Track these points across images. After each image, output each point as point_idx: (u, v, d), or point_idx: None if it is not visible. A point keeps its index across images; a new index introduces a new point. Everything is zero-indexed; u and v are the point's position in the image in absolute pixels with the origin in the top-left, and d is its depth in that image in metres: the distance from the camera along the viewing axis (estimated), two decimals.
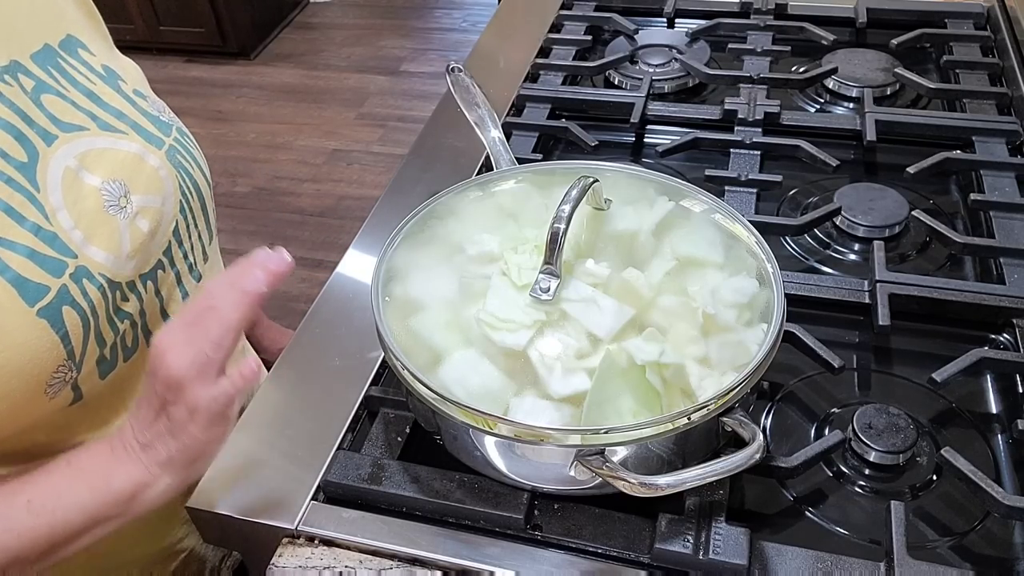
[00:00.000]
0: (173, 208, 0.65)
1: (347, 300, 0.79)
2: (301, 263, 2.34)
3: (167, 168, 0.65)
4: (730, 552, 0.54)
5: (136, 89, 0.67)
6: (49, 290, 0.53)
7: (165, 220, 0.64)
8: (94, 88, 0.63)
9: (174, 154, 0.66)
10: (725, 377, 0.55)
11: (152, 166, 0.63)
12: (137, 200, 0.61)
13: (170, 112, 0.70)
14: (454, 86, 0.83)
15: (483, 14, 3.47)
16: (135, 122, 0.64)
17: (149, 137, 0.65)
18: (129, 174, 0.61)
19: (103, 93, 0.63)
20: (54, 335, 0.54)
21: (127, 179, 0.61)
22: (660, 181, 0.70)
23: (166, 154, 0.65)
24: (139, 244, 0.61)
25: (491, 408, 0.53)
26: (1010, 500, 0.56)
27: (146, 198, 0.62)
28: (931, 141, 0.91)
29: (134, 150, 0.63)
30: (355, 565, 0.58)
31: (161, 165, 0.64)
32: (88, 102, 0.62)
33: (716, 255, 0.63)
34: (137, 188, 0.61)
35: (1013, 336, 0.71)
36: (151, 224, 0.62)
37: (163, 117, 0.68)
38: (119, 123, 0.63)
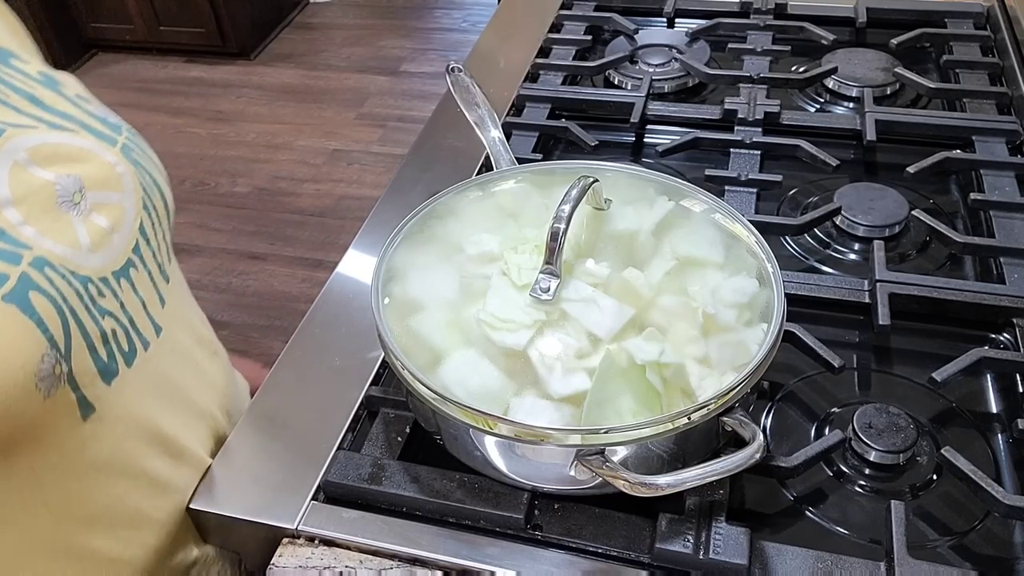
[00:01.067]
0: (135, 205, 0.62)
1: (347, 300, 0.79)
2: (301, 263, 2.34)
3: (124, 164, 0.62)
4: (730, 552, 0.54)
5: (78, 94, 0.64)
6: (8, 277, 0.51)
7: (128, 216, 0.62)
8: (35, 92, 0.60)
9: (129, 152, 0.63)
10: (725, 377, 0.55)
11: (108, 162, 0.61)
12: (92, 196, 0.59)
13: (117, 116, 0.67)
14: (454, 86, 0.83)
15: (483, 14, 3.47)
16: (83, 122, 0.62)
17: (100, 135, 0.62)
18: (83, 170, 0.59)
19: (45, 97, 0.61)
20: (27, 319, 0.52)
21: (83, 174, 0.58)
22: (660, 181, 0.70)
23: (121, 151, 0.63)
24: (99, 238, 0.58)
25: (491, 408, 0.53)
26: (1010, 500, 0.56)
27: (102, 194, 0.60)
28: (931, 141, 0.91)
29: (87, 146, 0.60)
30: (355, 565, 0.58)
31: (118, 161, 0.62)
32: (31, 106, 0.59)
33: (716, 255, 0.63)
34: (91, 184, 0.59)
35: (1013, 336, 0.71)
36: (110, 220, 0.59)
37: (111, 119, 0.65)
38: (67, 123, 0.60)
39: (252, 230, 2.47)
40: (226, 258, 2.37)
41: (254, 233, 2.46)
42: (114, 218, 0.60)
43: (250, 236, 2.44)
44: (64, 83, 0.64)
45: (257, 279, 2.30)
